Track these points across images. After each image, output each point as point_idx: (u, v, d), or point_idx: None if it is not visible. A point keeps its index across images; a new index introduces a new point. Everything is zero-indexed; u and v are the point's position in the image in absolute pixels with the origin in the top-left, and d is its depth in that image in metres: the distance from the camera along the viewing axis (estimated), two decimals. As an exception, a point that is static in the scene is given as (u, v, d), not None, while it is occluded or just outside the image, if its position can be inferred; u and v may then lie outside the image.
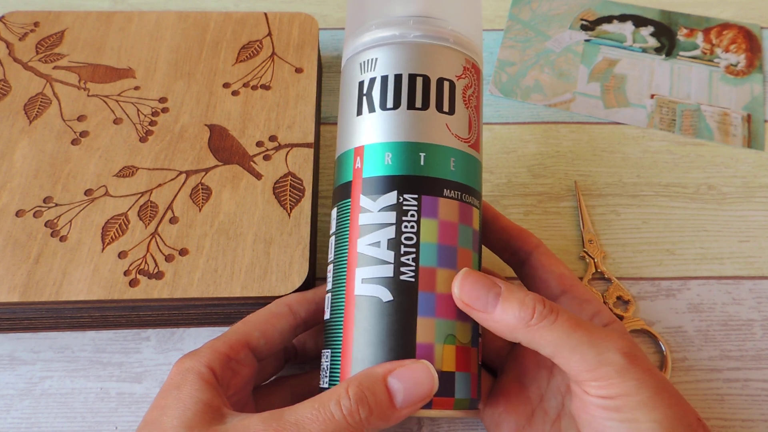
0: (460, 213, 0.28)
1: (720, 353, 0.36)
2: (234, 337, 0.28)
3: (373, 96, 0.29)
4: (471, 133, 0.29)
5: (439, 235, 0.27)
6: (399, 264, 0.26)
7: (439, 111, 0.28)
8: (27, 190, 0.35)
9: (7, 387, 0.34)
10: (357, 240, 0.27)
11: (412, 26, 0.29)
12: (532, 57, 0.48)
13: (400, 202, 0.27)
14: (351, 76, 0.30)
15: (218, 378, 0.26)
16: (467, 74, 0.29)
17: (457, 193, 0.28)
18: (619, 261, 0.39)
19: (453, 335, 0.26)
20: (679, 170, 0.42)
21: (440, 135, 0.28)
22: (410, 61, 0.28)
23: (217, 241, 0.34)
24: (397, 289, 0.26)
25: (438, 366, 0.26)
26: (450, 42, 0.29)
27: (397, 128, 0.28)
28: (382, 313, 0.26)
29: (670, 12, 0.51)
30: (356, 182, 0.28)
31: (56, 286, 0.32)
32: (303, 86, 0.40)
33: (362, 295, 0.27)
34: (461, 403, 0.26)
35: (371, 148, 0.28)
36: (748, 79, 0.47)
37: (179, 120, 0.38)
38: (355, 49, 0.30)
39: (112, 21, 0.43)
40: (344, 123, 0.30)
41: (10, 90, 0.39)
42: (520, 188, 0.42)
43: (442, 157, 0.28)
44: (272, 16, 0.43)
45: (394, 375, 0.25)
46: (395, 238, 0.27)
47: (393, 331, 0.26)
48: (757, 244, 0.40)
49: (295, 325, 0.30)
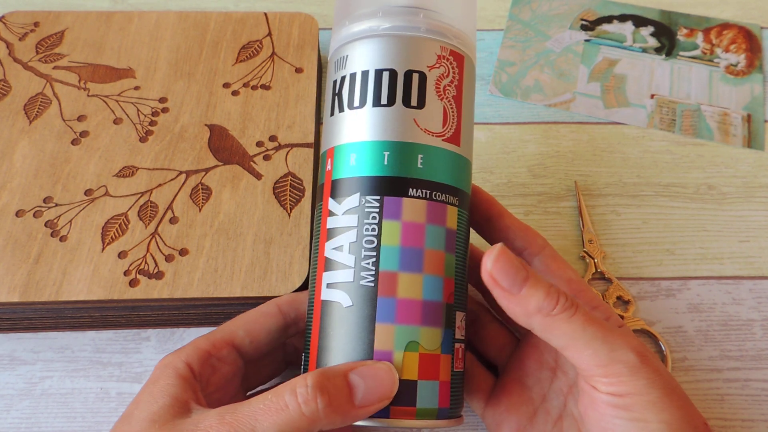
0: (428, 213, 0.26)
1: (720, 353, 0.36)
2: (218, 335, 0.28)
3: (342, 95, 0.28)
4: (446, 127, 0.27)
5: (402, 238, 0.26)
6: (359, 268, 0.26)
7: (406, 106, 0.27)
8: (27, 190, 0.35)
9: (7, 387, 0.34)
10: (324, 244, 0.27)
11: (380, 18, 0.28)
12: (532, 57, 0.48)
13: (362, 204, 0.26)
14: (329, 75, 0.29)
15: (195, 374, 0.26)
16: (442, 63, 0.28)
17: (425, 191, 0.26)
18: (619, 261, 0.39)
19: (416, 342, 0.26)
20: (679, 170, 0.42)
21: (406, 131, 0.27)
22: (377, 55, 0.27)
23: (217, 241, 0.34)
24: (356, 294, 0.26)
25: (398, 374, 0.25)
26: (421, 31, 0.27)
27: (361, 127, 0.27)
28: (342, 318, 0.26)
29: (670, 12, 0.51)
30: (327, 185, 0.27)
31: (56, 286, 0.32)
32: (303, 86, 0.40)
33: (327, 300, 0.26)
34: (425, 413, 0.25)
35: (339, 149, 0.27)
36: (748, 79, 0.47)
37: (179, 120, 0.38)
38: (333, 47, 0.29)
39: (112, 21, 0.43)
40: (324, 124, 0.29)
41: (10, 90, 0.39)
42: (520, 188, 0.42)
43: (407, 154, 0.26)
44: (272, 16, 0.43)
45: (355, 372, 0.24)
46: (356, 241, 0.26)
47: (351, 337, 0.25)
48: (757, 244, 0.40)
49: (284, 326, 0.30)
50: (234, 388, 0.29)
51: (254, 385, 0.31)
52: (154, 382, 0.26)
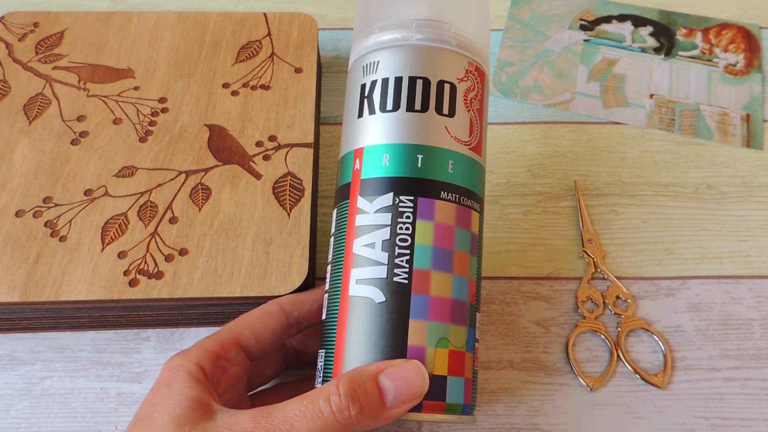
0: (457, 216, 0.28)
1: (719, 352, 0.36)
2: (225, 336, 0.28)
3: (373, 98, 0.29)
4: (472, 136, 0.29)
5: (435, 238, 0.27)
6: (393, 265, 0.26)
7: (439, 113, 0.28)
8: (27, 190, 0.35)
9: (7, 387, 0.34)
10: (353, 241, 0.27)
11: (414, 29, 0.29)
12: (531, 57, 0.48)
13: (395, 203, 0.27)
14: (354, 79, 0.30)
15: (208, 375, 0.26)
16: (469, 77, 0.29)
17: (454, 195, 0.28)
18: (618, 260, 0.39)
19: (446, 339, 0.26)
20: (679, 170, 0.43)
21: (439, 137, 0.28)
22: (411, 63, 0.29)
23: (216, 241, 0.34)
24: (390, 290, 0.26)
25: (429, 369, 0.26)
26: (452, 45, 0.29)
27: (395, 130, 0.28)
28: (374, 314, 0.26)
29: (669, 12, 0.51)
30: (354, 184, 0.28)
31: (56, 286, 0.32)
32: (302, 86, 0.40)
33: (356, 296, 0.27)
34: (453, 408, 0.26)
35: (370, 149, 0.28)
36: (747, 78, 0.47)
37: (179, 120, 0.38)
38: (359, 52, 0.30)
39: (112, 21, 0.43)
40: (346, 125, 0.30)
41: (9, 90, 0.39)
42: (519, 188, 0.42)
43: (440, 159, 0.28)
44: (272, 17, 0.43)
45: (385, 374, 0.25)
46: (390, 239, 0.27)
47: (384, 332, 0.26)
48: (756, 244, 0.40)
49: (287, 326, 0.30)
50: (241, 389, 0.29)
51: (255, 386, 0.31)
52: (168, 385, 0.25)
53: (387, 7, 0.30)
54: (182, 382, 0.25)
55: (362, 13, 0.31)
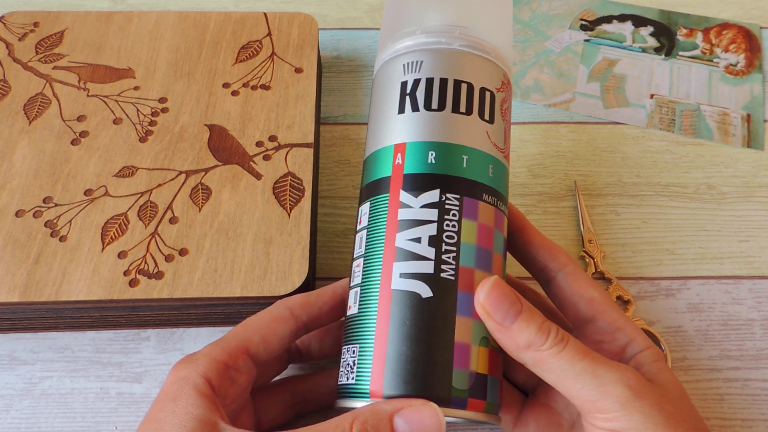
0: (495, 218, 0.28)
1: (720, 353, 0.36)
2: (233, 343, 0.27)
3: (417, 96, 0.29)
4: (506, 145, 0.30)
5: (478, 237, 0.27)
6: (440, 261, 0.26)
7: (481, 118, 0.29)
8: (27, 190, 0.35)
9: (7, 387, 0.34)
10: (396, 234, 0.27)
11: (457, 36, 0.30)
12: (531, 57, 0.48)
13: (442, 200, 0.27)
14: (391, 76, 0.30)
15: (215, 389, 0.26)
16: (504, 89, 0.30)
17: (493, 199, 0.28)
18: (618, 261, 0.39)
19: (486, 338, 0.26)
20: (679, 170, 0.43)
21: (482, 141, 0.28)
22: (456, 67, 0.29)
23: (216, 241, 0.34)
24: (437, 286, 0.26)
25: (474, 367, 0.26)
26: (491, 56, 0.30)
27: (442, 129, 0.28)
28: (421, 308, 0.26)
29: (670, 12, 0.51)
30: (396, 178, 0.28)
31: (56, 286, 0.32)
32: (303, 86, 0.40)
33: (401, 290, 0.26)
34: (491, 408, 0.26)
35: (414, 145, 0.28)
36: (748, 78, 0.47)
37: (179, 120, 0.38)
38: (397, 51, 0.30)
39: (112, 21, 0.43)
40: (381, 120, 0.30)
41: (9, 90, 0.39)
42: (519, 188, 0.42)
43: (482, 162, 0.28)
44: (272, 16, 0.43)
45: (400, 415, 0.24)
46: (437, 235, 0.27)
47: (431, 327, 0.26)
48: (756, 244, 0.40)
49: (296, 329, 0.29)
50: (246, 396, 0.28)
51: (258, 385, 0.31)
52: (174, 400, 0.25)
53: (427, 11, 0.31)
54: (188, 398, 0.25)
55: (396, 14, 0.32)
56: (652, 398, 0.24)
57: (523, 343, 0.25)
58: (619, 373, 0.25)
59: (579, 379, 0.24)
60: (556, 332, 0.25)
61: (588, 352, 0.25)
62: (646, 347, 0.28)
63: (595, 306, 0.29)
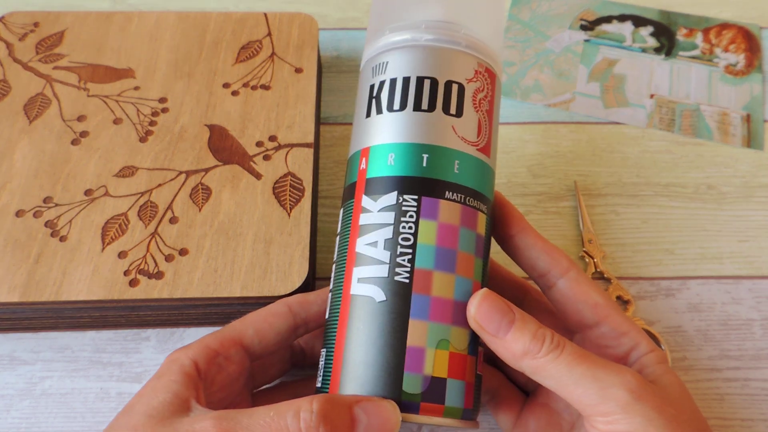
0: (462, 216, 0.27)
1: (719, 353, 0.36)
2: (227, 334, 0.28)
3: (381, 98, 0.29)
4: (480, 137, 0.29)
5: (438, 238, 0.27)
6: (394, 264, 0.26)
7: (446, 113, 0.28)
8: (27, 190, 0.35)
9: (7, 387, 0.34)
10: (356, 240, 0.27)
11: (423, 30, 0.29)
12: (531, 57, 0.48)
13: (399, 202, 0.27)
14: (364, 79, 0.30)
15: (201, 372, 0.26)
16: (479, 78, 0.29)
17: (460, 196, 0.27)
18: (618, 261, 0.39)
19: (447, 340, 0.26)
20: (679, 170, 0.43)
21: (445, 137, 0.28)
22: (419, 64, 0.29)
23: (217, 241, 0.34)
24: (390, 289, 0.26)
25: (428, 371, 0.25)
26: (462, 46, 0.29)
27: (401, 129, 0.28)
28: (374, 313, 0.26)
29: (670, 12, 0.51)
30: (360, 183, 0.28)
31: (56, 286, 0.32)
32: (303, 86, 0.40)
33: (357, 295, 0.26)
34: (452, 412, 0.26)
35: (376, 149, 0.28)
36: (748, 78, 0.47)
37: (179, 120, 0.38)
38: (370, 54, 0.30)
39: (112, 21, 0.43)
40: (355, 125, 0.30)
41: (10, 90, 0.39)
42: (519, 188, 0.42)
43: (445, 158, 0.27)
44: (272, 17, 0.43)
45: (360, 406, 0.24)
46: (392, 238, 0.26)
47: (384, 332, 0.26)
48: (756, 244, 0.40)
49: (294, 326, 0.29)
50: (239, 387, 0.29)
51: (260, 384, 0.31)
52: (159, 377, 0.26)
53: (399, 9, 0.30)
54: (171, 375, 0.26)
55: (375, 15, 0.31)
56: (653, 401, 0.24)
57: (519, 352, 0.25)
58: (620, 375, 0.25)
59: (579, 383, 0.24)
60: (551, 338, 0.25)
61: (586, 355, 0.25)
62: (650, 350, 0.28)
63: (599, 311, 0.29)
